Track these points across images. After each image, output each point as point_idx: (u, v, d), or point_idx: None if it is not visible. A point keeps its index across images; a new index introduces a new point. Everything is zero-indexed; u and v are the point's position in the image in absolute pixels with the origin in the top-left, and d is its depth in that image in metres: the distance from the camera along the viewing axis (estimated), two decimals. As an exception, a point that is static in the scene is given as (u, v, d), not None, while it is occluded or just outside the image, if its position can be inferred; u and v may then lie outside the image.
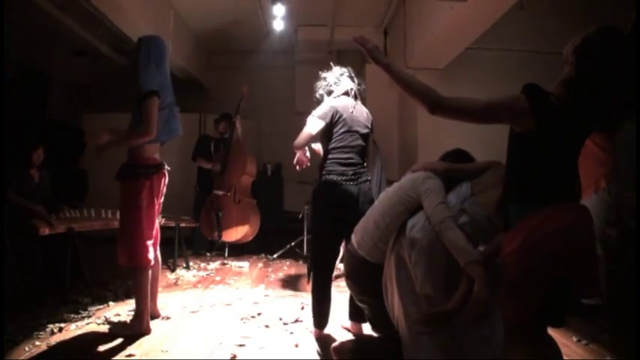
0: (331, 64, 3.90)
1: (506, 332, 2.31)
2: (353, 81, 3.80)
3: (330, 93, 3.76)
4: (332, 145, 3.56)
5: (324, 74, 3.86)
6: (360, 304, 3.29)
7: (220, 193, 7.01)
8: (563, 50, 2.23)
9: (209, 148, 7.39)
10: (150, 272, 3.76)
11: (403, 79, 2.31)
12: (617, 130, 2.25)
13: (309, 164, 3.61)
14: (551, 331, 3.22)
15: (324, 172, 3.58)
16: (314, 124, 3.52)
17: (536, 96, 2.08)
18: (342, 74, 3.81)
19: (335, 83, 3.77)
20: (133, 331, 3.63)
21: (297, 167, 3.64)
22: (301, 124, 3.64)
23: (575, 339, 3.69)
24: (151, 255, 3.72)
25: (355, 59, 9.74)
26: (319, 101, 3.76)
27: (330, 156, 3.58)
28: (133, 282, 3.75)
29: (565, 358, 3.19)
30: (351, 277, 3.21)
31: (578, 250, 2.09)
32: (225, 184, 7.06)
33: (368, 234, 3.01)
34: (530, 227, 2.09)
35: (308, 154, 3.76)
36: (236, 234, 7.04)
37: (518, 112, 2.08)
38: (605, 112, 2.19)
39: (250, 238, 7.29)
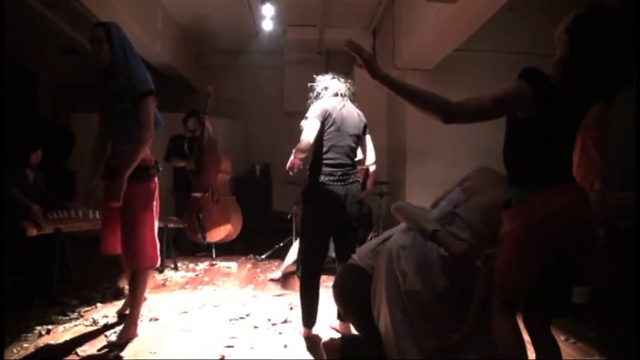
0: (314, 76, 3.90)
1: (494, 309, 2.33)
2: (342, 82, 3.81)
3: (321, 97, 3.77)
4: (321, 146, 3.57)
5: (315, 82, 3.87)
6: (348, 318, 3.32)
7: (198, 194, 7.01)
8: (554, 34, 2.25)
9: (182, 147, 7.30)
10: None
11: (408, 91, 2.18)
12: (615, 99, 2.22)
13: (301, 167, 3.59)
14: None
15: (312, 173, 3.59)
16: (311, 124, 3.52)
17: (537, 82, 2.11)
18: (332, 78, 3.83)
19: (325, 88, 3.78)
20: (130, 336, 3.56)
21: (290, 172, 3.62)
22: (290, 125, 3.66)
23: (563, 338, 3.72)
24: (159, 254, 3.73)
25: (344, 59, 9.75)
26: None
27: (318, 156, 3.58)
28: (137, 285, 3.62)
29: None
30: (337, 284, 3.23)
31: (580, 230, 2.12)
32: (202, 185, 7.05)
33: (369, 243, 3.19)
34: (532, 206, 2.12)
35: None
36: (219, 233, 7.06)
37: (523, 100, 2.09)
38: (603, 86, 2.20)
39: (234, 235, 7.32)
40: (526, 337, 2.31)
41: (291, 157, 3.52)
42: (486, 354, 2.51)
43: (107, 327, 3.86)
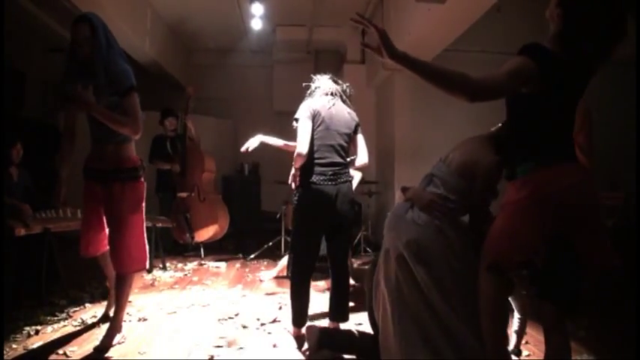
0: (312, 76, 3.91)
1: (481, 270, 2.38)
2: (336, 83, 3.82)
3: (313, 96, 3.77)
4: (311, 145, 3.54)
5: (311, 80, 3.87)
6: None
7: (184, 195, 7.03)
8: (546, 13, 2.27)
9: (165, 147, 7.27)
10: None
11: (429, 71, 2.05)
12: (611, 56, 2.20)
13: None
14: (530, 328, 3.28)
15: (303, 173, 3.57)
16: (304, 124, 3.52)
17: (541, 55, 2.12)
18: (328, 78, 3.85)
19: (317, 87, 3.79)
20: (115, 336, 3.50)
21: (293, 185, 3.63)
22: (280, 124, 3.69)
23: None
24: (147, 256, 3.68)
25: (333, 59, 9.77)
26: None
27: (309, 156, 3.55)
28: (124, 288, 3.55)
29: (541, 354, 3.23)
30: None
31: (584, 210, 2.15)
32: (188, 185, 7.08)
33: None
34: (541, 181, 2.15)
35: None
36: (207, 232, 7.10)
37: (530, 74, 2.09)
38: (600, 50, 2.22)
39: (222, 234, 7.39)
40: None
41: (292, 171, 3.57)
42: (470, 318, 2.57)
43: (95, 327, 3.85)
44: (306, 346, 3.38)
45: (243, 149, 3.86)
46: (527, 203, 2.17)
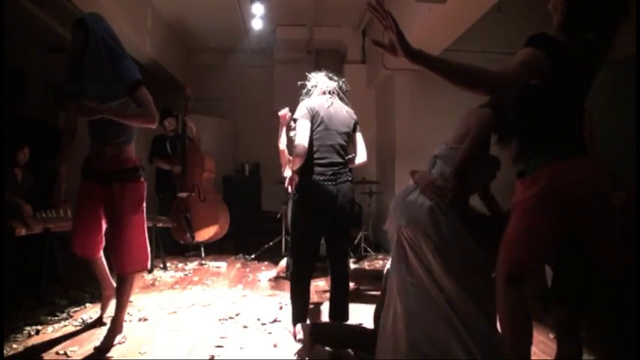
0: (307, 74, 3.90)
1: (499, 283, 2.32)
2: (332, 80, 3.80)
3: (310, 95, 3.76)
4: (311, 145, 3.53)
5: (307, 79, 3.86)
6: None
7: (185, 194, 7.04)
8: (548, 5, 2.29)
9: (165, 147, 7.29)
10: None
11: (446, 67, 2.03)
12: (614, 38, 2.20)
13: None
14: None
15: (303, 173, 3.56)
16: (302, 124, 3.50)
17: (549, 46, 2.10)
18: (324, 76, 3.83)
19: (314, 86, 3.77)
20: (115, 336, 3.49)
21: (290, 189, 3.64)
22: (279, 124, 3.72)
23: (552, 336, 3.72)
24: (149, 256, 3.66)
25: (334, 59, 9.75)
26: None
27: (308, 156, 3.53)
28: (126, 288, 3.53)
29: (542, 354, 3.24)
30: None
31: (596, 205, 2.12)
32: (188, 185, 7.09)
33: None
34: (551, 176, 2.11)
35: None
36: (208, 232, 7.13)
37: (539, 65, 2.08)
38: (604, 35, 2.22)
39: (223, 234, 7.43)
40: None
41: (290, 174, 3.55)
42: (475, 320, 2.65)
43: (96, 327, 3.84)
44: (299, 345, 3.38)
45: (282, 112, 3.84)
46: (537, 201, 2.13)
